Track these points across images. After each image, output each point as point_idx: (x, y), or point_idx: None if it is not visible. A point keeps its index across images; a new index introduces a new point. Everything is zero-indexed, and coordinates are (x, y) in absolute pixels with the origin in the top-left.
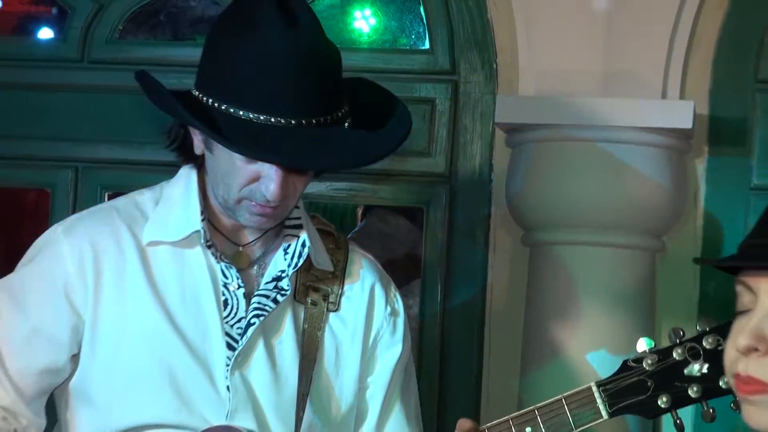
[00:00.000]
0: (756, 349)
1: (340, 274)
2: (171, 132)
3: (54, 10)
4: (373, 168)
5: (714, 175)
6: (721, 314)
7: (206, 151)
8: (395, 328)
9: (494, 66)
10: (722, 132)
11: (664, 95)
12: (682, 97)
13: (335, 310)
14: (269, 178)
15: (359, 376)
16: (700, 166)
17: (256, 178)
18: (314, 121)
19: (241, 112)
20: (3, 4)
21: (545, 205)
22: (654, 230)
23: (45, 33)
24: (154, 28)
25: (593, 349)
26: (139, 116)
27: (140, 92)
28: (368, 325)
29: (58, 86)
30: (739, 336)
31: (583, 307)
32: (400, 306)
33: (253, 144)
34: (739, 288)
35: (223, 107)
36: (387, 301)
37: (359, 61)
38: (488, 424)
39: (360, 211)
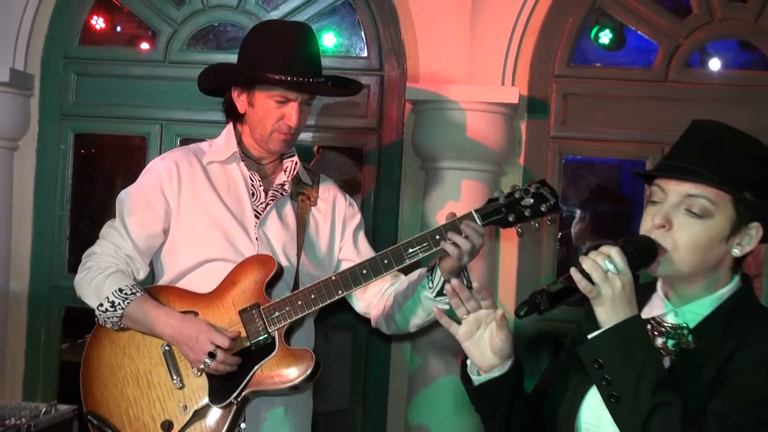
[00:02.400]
0: (663, 226)
1: (315, 186)
2: (225, 101)
3: (149, 32)
4: (330, 123)
5: (530, 129)
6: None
7: (248, 107)
8: (354, 210)
9: (405, 66)
10: (534, 105)
11: (503, 83)
12: (512, 84)
13: (314, 204)
14: (290, 114)
15: (331, 239)
16: (522, 124)
17: (281, 117)
18: (311, 80)
19: (280, 76)
20: (122, 28)
21: (432, 146)
22: (496, 161)
23: (144, 45)
24: (207, 42)
25: None
26: (196, 95)
27: (195, 80)
28: (334, 211)
29: (151, 76)
30: (655, 217)
31: (454, 205)
32: (353, 201)
33: (291, 85)
34: (654, 188)
35: (270, 75)
36: (345, 198)
37: (327, 63)
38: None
39: (316, 149)
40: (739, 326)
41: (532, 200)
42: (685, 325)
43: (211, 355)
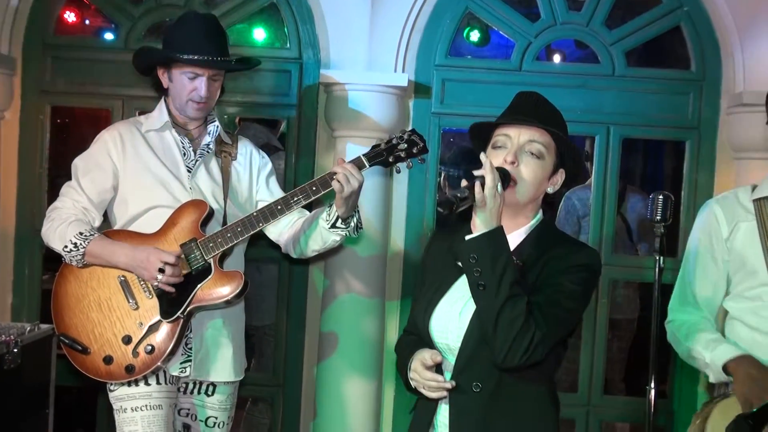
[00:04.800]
0: (513, 163)
1: (235, 144)
2: (153, 78)
3: (113, 25)
4: (262, 100)
5: (416, 107)
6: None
7: (169, 83)
8: (266, 161)
9: (319, 56)
10: (419, 88)
11: (395, 70)
12: (403, 71)
13: (234, 159)
14: (200, 86)
15: (250, 185)
16: (410, 102)
17: (193, 89)
18: (219, 58)
19: (187, 56)
20: (90, 21)
21: (340, 119)
22: (389, 131)
23: (108, 35)
24: (159, 34)
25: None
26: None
27: (146, 66)
28: (251, 163)
29: (114, 61)
30: (507, 155)
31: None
32: (265, 155)
33: (195, 62)
34: (499, 137)
35: (180, 55)
36: (260, 154)
37: (257, 53)
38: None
39: (237, 120)
40: (545, 247)
41: (406, 145)
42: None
43: (161, 270)
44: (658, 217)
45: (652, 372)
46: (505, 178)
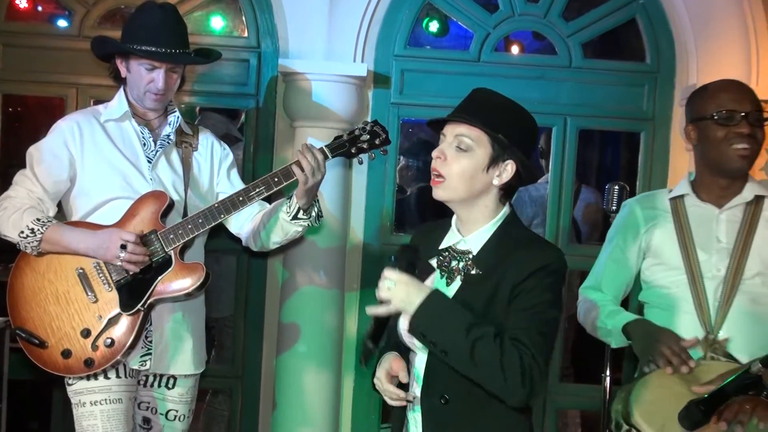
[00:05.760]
0: (440, 158)
1: (196, 135)
2: (110, 68)
3: (66, 12)
4: (220, 90)
5: (375, 97)
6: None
7: (127, 73)
8: (227, 152)
9: (278, 45)
10: (379, 78)
11: (354, 60)
12: (362, 61)
13: (195, 150)
14: (158, 78)
15: (210, 177)
16: (369, 92)
17: (151, 81)
18: (177, 51)
19: (145, 48)
20: (42, 8)
21: (299, 109)
22: (348, 121)
23: (62, 22)
24: (114, 21)
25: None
26: (105, 63)
27: (104, 54)
28: (212, 155)
29: (68, 48)
30: (435, 150)
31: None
32: (226, 146)
33: (153, 55)
34: (441, 136)
35: (138, 47)
36: (221, 145)
37: (215, 41)
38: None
39: (197, 110)
40: (506, 249)
41: (368, 136)
42: (470, 250)
43: (123, 247)
44: (614, 207)
45: (608, 360)
46: (412, 252)
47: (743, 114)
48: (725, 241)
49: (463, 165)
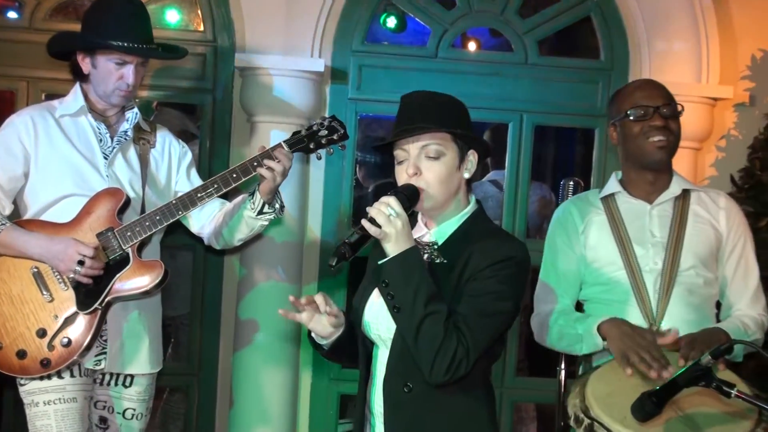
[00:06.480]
0: (415, 174)
1: (153, 132)
2: (71, 64)
3: (16, 3)
4: (174, 84)
5: (332, 92)
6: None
7: (92, 69)
8: (185, 150)
9: (234, 39)
10: (336, 73)
11: (311, 55)
12: (319, 56)
13: (153, 147)
14: (128, 74)
15: (168, 174)
16: (327, 88)
17: (120, 77)
18: (145, 46)
19: (118, 43)
20: None
21: (255, 104)
22: (306, 116)
23: (11, 14)
24: (67, 14)
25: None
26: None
27: (64, 50)
28: (170, 152)
29: (18, 41)
30: (408, 169)
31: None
32: (184, 144)
33: (128, 50)
34: (398, 152)
35: (112, 42)
36: (179, 143)
37: (170, 35)
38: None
39: (155, 105)
40: (471, 240)
41: (326, 131)
42: (435, 241)
43: (80, 263)
44: None
45: (563, 354)
46: (413, 195)
47: (655, 108)
48: (659, 235)
49: (439, 172)
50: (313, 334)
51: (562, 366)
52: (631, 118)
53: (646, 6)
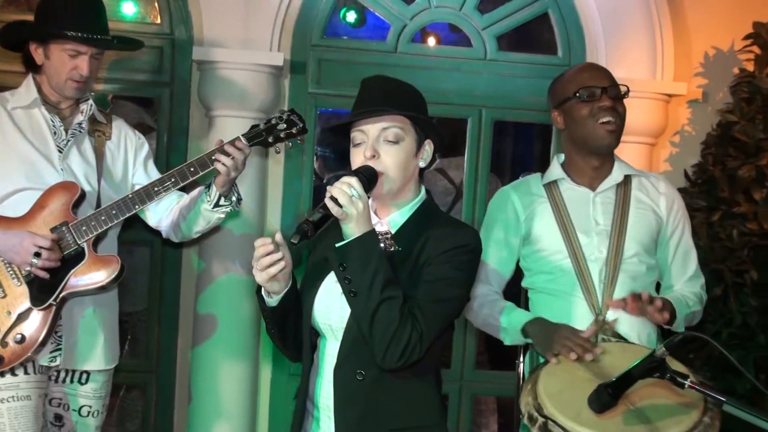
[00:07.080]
0: (373, 156)
1: (109, 124)
2: (23, 54)
3: None
4: (130, 77)
5: (291, 86)
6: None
7: (45, 59)
8: (142, 142)
9: (192, 33)
10: (295, 67)
11: (270, 49)
12: (278, 50)
13: (109, 139)
14: (82, 65)
15: (125, 167)
16: (286, 81)
17: (74, 67)
18: (100, 37)
19: (72, 33)
20: None
21: (213, 98)
22: (264, 110)
23: None
24: (20, 5)
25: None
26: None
27: (16, 40)
28: (126, 144)
29: None
30: (366, 151)
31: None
32: (141, 135)
33: (82, 40)
34: (355, 134)
35: (66, 32)
36: (135, 135)
37: (127, 27)
38: None
39: (110, 98)
40: (425, 229)
41: (285, 125)
42: (388, 231)
43: (37, 255)
44: None
45: (521, 347)
46: (372, 178)
47: (603, 88)
48: (603, 223)
49: (397, 156)
50: (263, 291)
51: (521, 359)
52: (580, 98)
53: (603, 3)
